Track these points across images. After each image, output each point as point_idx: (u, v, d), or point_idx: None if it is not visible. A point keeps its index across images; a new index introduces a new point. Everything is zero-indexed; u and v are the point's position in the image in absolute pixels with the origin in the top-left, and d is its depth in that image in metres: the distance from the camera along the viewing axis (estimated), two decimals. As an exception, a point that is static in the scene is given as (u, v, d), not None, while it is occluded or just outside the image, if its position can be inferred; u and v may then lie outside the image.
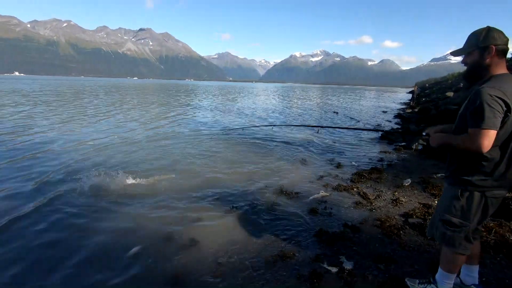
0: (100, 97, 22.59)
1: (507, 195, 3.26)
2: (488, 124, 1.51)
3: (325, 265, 2.47)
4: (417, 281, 2.16)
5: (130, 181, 4.46)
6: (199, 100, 23.91)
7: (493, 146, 1.57)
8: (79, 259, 2.62)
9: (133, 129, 9.28)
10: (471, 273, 2.05)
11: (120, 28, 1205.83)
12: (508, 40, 1.62)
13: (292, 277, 2.33)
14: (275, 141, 8.04)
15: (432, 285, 2.03)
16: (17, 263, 2.54)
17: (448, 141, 1.74)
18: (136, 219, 3.36)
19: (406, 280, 2.22)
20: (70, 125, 9.64)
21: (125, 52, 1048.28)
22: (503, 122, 1.53)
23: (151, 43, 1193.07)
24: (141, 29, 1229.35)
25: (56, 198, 3.90)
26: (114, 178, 4.42)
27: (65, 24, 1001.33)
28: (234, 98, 29.76)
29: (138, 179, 4.54)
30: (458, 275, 2.08)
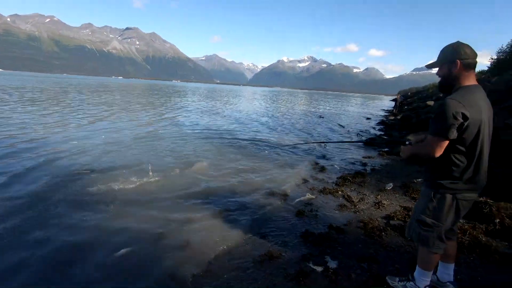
0: (88, 96, 22.06)
1: (480, 199, 3.49)
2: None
3: (311, 265, 2.55)
4: (397, 279, 2.27)
5: (117, 182, 4.42)
6: (192, 101, 23.76)
7: (461, 152, 1.74)
8: (65, 260, 2.59)
9: (121, 130, 9.13)
10: (447, 271, 2.18)
11: (106, 26, 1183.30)
12: (474, 54, 1.77)
13: (279, 276, 2.40)
14: (264, 145, 8.14)
15: (411, 283, 2.14)
16: (-1, 264, 2.48)
17: (413, 152, 1.91)
18: (125, 220, 3.34)
19: (387, 278, 2.34)
20: (54, 125, 9.38)
21: (110, 50, 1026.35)
22: (462, 131, 1.68)
23: (137, 43, 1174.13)
24: (127, 28, 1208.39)
25: (40, 199, 3.80)
26: (101, 179, 4.37)
27: (47, 20, 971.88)
28: (227, 101, 29.73)
29: (125, 180, 4.50)
30: (435, 273, 2.21)
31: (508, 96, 9.59)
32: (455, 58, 1.77)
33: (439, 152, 1.73)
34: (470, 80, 1.79)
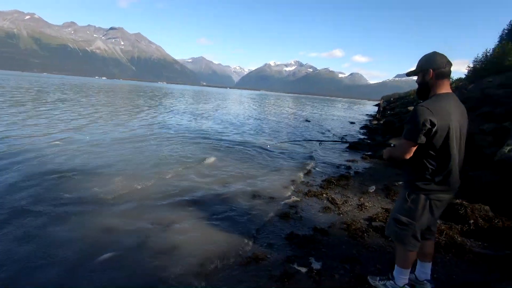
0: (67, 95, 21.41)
1: (456, 201, 3.65)
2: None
3: (295, 266, 2.60)
4: (378, 278, 2.35)
5: (101, 184, 4.34)
6: (180, 103, 23.51)
7: (432, 156, 1.86)
8: (44, 264, 2.52)
9: (105, 132, 8.94)
10: (425, 270, 2.28)
11: (89, 25, 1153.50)
12: (448, 63, 1.87)
13: (264, 278, 2.43)
14: (250, 148, 8.18)
15: (391, 281, 2.23)
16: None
17: (390, 153, 2.04)
18: (109, 223, 3.29)
19: (368, 278, 2.41)
20: (33, 126, 9.07)
21: (94, 50, 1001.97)
22: (430, 136, 1.80)
23: (122, 43, 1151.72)
24: (112, 28, 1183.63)
25: (20, 204, 3.66)
26: (84, 181, 4.28)
27: (27, 17, 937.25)
28: (215, 103, 29.59)
29: (110, 183, 4.43)
30: (413, 272, 2.31)
31: (483, 103, 10.06)
32: (428, 67, 1.89)
33: (409, 155, 1.87)
34: (443, 88, 1.89)
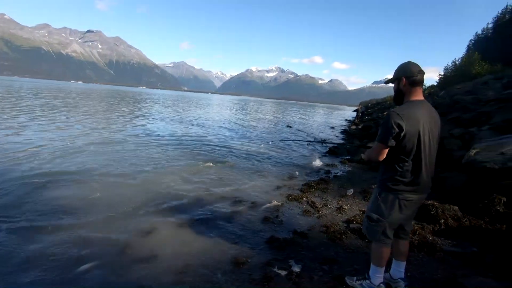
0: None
1: (428, 202, 3.83)
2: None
3: (275, 269, 2.63)
4: (355, 278, 2.43)
5: (78, 193, 4.20)
6: (160, 108, 23.08)
7: (401, 159, 1.99)
8: (20, 274, 2.40)
9: (77, 136, 8.62)
10: (399, 268, 2.38)
11: (65, 27, 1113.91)
12: (420, 72, 2.01)
13: (245, 281, 2.44)
14: (231, 153, 8.18)
15: (367, 281, 2.31)
16: None
17: (367, 155, 2.18)
18: (87, 232, 3.19)
19: (345, 278, 2.49)
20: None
21: (69, 53, 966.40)
22: (400, 140, 1.92)
23: (100, 46, 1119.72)
24: (89, 31, 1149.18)
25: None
26: (60, 187, 4.12)
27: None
28: (197, 108, 29.30)
29: (86, 192, 4.29)
30: (388, 271, 2.41)
31: (452, 109, 10.65)
32: (402, 75, 2.04)
33: (381, 157, 2.02)
34: (416, 95, 2.03)
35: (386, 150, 1.99)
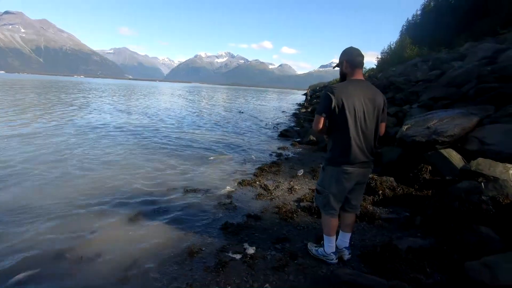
0: None
1: (370, 176, 4.17)
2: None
3: (230, 254, 2.66)
4: (314, 245, 2.70)
5: (9, 195, 3.71)
6: (102, 99, 21.10)
7: (337, 134, 2.20)
8: None
9: (12, 135, 7.55)
10: (344, 239, 2.60)
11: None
12: (359, 55, 2.21)
13: (199, 270, 2.43)
14: (183, 142, 7.93)
15: (321, 248, 2.56)
16: None
17: (312, 129, 2.37)
18: (17, 237, 2.84)
19: (308, 244, 2.75)
20: None
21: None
22: (331, 111, 2.12)
23: (23, 30, 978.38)
24: (7, 12, 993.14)
25: None
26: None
27: None
28: (144, 98, 27.49)
29: (17, 192, 3.80)
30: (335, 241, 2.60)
31: (388, 89, 11.62)
32: (343, 59, 2.26)
33: (318, 127, 2.21)
34: (355, 76, 2.23)
35: (322, 120, 2.17)
